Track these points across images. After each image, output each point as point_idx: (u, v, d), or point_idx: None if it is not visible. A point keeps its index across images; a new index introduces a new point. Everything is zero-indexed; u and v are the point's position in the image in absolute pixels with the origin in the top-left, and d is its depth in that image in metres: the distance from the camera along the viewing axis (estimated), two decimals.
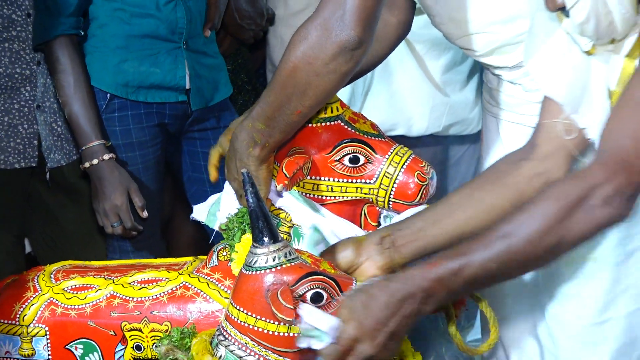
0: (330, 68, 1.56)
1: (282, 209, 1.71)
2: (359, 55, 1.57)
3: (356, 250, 1.61)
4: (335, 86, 1.61)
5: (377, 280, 1.44)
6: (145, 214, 2.26)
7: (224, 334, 1.49)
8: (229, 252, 1.67)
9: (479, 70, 2.64)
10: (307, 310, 1.41)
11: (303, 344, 1.42)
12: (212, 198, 1.84)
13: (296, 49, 1.57)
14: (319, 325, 1.41)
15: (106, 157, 2.24)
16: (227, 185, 1.76)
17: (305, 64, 1.56)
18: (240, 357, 1.47)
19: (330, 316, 1.41)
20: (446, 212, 1.63)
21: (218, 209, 1.76)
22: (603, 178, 1.30)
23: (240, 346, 1.47)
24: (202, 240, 1.87)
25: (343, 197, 1.74)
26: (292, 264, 1.44)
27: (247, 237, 1.58)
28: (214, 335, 1.53)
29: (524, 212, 1.35)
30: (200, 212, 1.84)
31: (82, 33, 2.30)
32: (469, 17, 2.03)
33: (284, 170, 1.67)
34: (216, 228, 1.77)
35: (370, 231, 1.71)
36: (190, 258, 1.84)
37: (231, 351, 1.47)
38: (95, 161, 2.23)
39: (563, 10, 1.65)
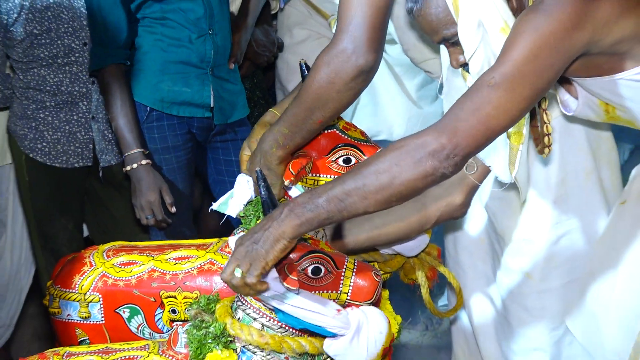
0: (350, 86, 1.57)
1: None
2: (372, 76, 1.60)
3: None
4: (351, 100, 1.62)
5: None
6: (173, 209, 2.27)
7: (242, 300, 1.51)
8: None
9: None
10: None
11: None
12: (228, 194, 1.83)
13: (321, 71, 1.57)
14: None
15: (144, 162, 2.24)
16: (238, 178, 1.75)
17: (328, 84, 1.57)
18: (254, 319, 1.48)
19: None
20: (365, 218, 1.63)
21: (232, 196, 1.74)
22: (432, 137, 1.34)
23: (254, 310, 1.48)
24: (224, 225, 1.86)
25: None
26: (296, 243, 1.43)
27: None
28: (234, 301, 1.54)
29: (373, 156, 1.40)
30: (217, 204, 1.82)
31: (129, 62, 2.32)
32: (427, 45, 2.06)
33: (290, 169, 1.67)
34: (227, 212, 1.74)
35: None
36: (215, 239, 1.85)
37: (247, 314, 1.49)
38: (135, 165, 2.24)
39: (465, 66, 1.65)
